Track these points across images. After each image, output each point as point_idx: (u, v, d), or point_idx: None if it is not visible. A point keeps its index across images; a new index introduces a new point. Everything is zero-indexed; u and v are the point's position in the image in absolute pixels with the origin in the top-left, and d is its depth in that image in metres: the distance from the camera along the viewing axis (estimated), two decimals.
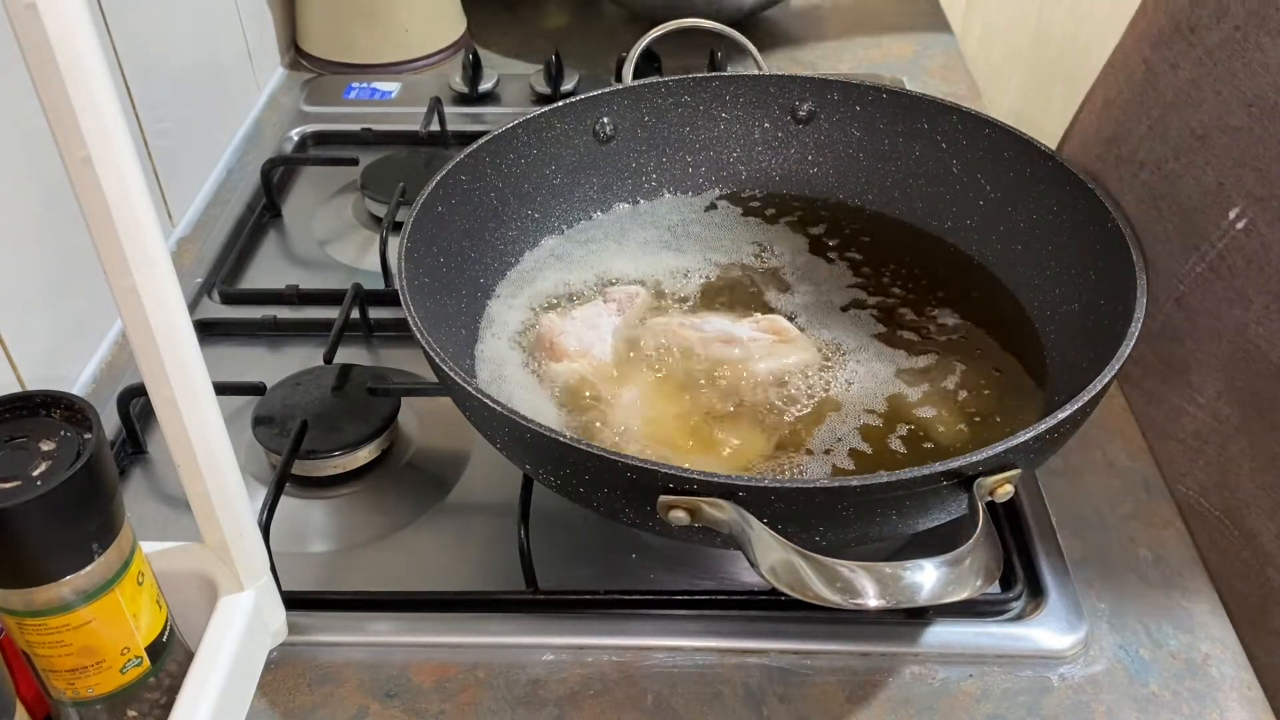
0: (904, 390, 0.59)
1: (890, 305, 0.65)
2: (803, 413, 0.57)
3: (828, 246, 0.70)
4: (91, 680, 0.44)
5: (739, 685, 0.53)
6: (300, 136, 0.96)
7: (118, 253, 0.38)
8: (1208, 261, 0.59)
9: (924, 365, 0.61)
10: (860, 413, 0.57)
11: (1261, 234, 0.57)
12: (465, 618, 0.56)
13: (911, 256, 0.68)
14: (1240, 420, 0.60)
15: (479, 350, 0.62)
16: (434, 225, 0.61)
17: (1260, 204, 0.57)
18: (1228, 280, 0.59)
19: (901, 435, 0.56)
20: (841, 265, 0.68)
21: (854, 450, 0.55)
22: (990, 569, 0.43)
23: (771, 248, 0.70)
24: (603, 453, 0.45)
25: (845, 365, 0.60)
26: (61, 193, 0.42)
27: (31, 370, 0.62)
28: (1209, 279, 0.60)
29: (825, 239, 0.70)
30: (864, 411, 0.58)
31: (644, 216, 0.72)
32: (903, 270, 0.67)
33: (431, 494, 0.63)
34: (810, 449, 0.55)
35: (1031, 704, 0.52)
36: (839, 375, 0.60)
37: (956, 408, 0.58)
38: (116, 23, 0.74)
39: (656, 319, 0.64)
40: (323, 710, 0.52)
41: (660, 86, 0.72)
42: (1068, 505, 0.62)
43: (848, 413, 0.58)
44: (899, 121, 0.70)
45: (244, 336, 0.74)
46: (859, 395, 0.59)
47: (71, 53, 0.34)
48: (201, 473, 0.45)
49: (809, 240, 0.70)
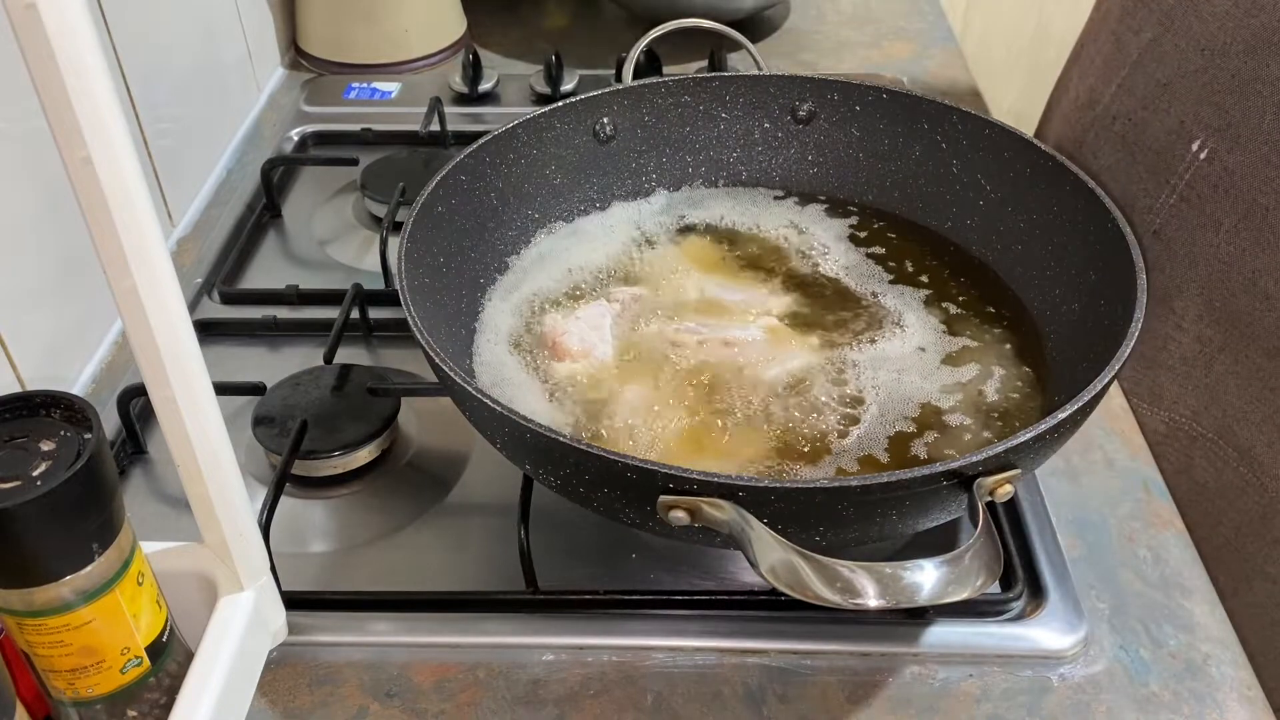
0: (904, 390, 0.59)
1: (890, 305, 0.65)
2: (802, 412, 0.57)
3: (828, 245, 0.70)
4: (91, 680, 0.44)
5: (739, 685, 0.53)
6: (300, 136, 0.96)
7: (118, 253, 0.38)
8: (1178, 193, 0.64)
9: (924, 365, 0.61)
10: (860, 412, 0.57)
11: (1223, 159, 0.63)
12: (465, 618, 0.56)
13: (912, 255, 0.68)
14: (1223, 339, 0.64)
15: (479, 350, 0.62)
16: (434, 225, 0.61)
17: (1218, 134, 0.63)
18: (1197, 207, 0.65)
19: (902, 435, 0.56)
20: (842, 264, 0.68)
21: (854, 450, 0.55)
22: (990, 569, 0.43)
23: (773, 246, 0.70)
24: (603, 453, 0.45)
25: (845, 364, 0.60)
26: (61, 193, 0.42)
27: (31, 370, 0.62)
28: (1180, 208, 0.65)
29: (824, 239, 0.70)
30: (864, 411, 0.58)
31: (644, 216, 0.72)
32: (902, 270, 0.67)
33: (431, 494, 0.63)
34: (810, 449, 0.55)
35: (1031, 704, 0.52)
36: (839, 375, 0.60)
37: (956, 407, 0.58)
38: (116, 23, 0.74)
39: (658, 320, 0.64)
40: (323, 710, 0.52)
41: (660, 86, 0.72)
42: (1068, 505, 0.62)
43: (848, 412, 0.57)
44: (899, 121, 0.70)
45: (244, 336, 0.74)
46: (860, 394, 0.58)
47: (71, 53, 0.34)
48: (201, 473, 0.45)
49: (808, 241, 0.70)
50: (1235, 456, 0.64)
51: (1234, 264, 0.63)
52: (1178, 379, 0.66)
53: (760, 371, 0.60)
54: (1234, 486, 0.63)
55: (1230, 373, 0.64)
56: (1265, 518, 0.62)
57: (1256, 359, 0.62)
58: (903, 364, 0.61)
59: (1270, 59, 0.61)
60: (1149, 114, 0.67)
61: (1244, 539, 0.58)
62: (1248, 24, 0.61)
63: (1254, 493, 0.63)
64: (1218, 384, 0.65)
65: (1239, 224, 0.63)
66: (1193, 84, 0.65)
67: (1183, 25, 0.65)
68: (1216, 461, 0.64)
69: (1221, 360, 0.64)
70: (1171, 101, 0.66)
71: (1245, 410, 0.63)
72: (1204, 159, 0.63)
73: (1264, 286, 0.62)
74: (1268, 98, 0.62)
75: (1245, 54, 0.62)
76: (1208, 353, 0.65)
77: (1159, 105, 0.67)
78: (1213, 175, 0.63)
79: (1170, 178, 0.66)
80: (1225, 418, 0.64)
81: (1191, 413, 0.66)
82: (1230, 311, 0.64)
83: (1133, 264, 0.54)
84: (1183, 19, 0.65)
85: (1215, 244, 0.64)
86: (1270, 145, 0.61)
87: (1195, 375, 0.65)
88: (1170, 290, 0.67)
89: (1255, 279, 0.62)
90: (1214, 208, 0.64)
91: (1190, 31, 0.64)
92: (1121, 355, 0.49)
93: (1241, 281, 0.63)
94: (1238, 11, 0.61)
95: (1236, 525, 0.60)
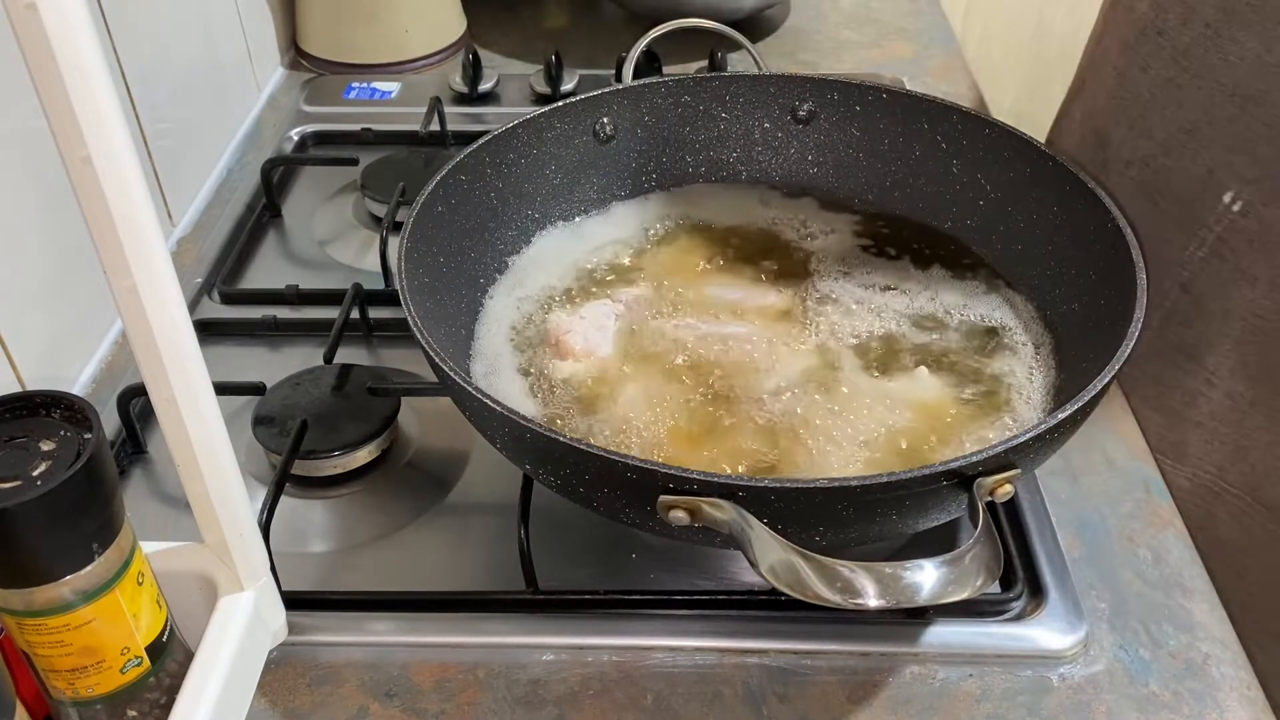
0: (904, 390, 0.59)
1: (890, 305, 0.65)
2: (802, 412, 0.57)
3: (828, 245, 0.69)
4: (91, 680, 0.44)
5: (739, 685, 0.53)
6: (300, 136, 0.96)
7: (118, 253, 0.38)
8: (1209, 246, 0.61)
9: (923, 365, 0.61)
10: (860, 413, 0.57)
11: (1259, 213, 0.59)
12: (465, 618, 0.56)
13: (913, 255, 0.68)
14: (1254, 395, 0.61)
15: (479, 349, 0.62)
16: (434, 225, 0.61)
17: (1254, 185, 0.59)
18: (1231, 261, 0.61)
19: (902, 435, 0.56)
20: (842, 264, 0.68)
21: (854, 450, 0.55)
22: (990, 569, 0.43)
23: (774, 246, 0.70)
24: (603, 453, 0.45)
25: (845, 365, 0.60)
26: (61, 193, 0.42)
27: (31, 370, 0.62)
28: (1212, 262, 0.62)
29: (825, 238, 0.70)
30: (864, 412, 0.57)
31: (644, 216, 0.72)
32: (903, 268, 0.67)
33: (431, 494, 0.63)
34: (810, 449, 0.55)
35: (1031, 704, 0.52)
36: (839, 376, 0.60)
37: (956, 407, 0.58)
38: (116, 23, 0.74)
39: (659, 319, 0.64)
40: (323, 710, 0.52)
41: (660, 86, 0.72)
42: (1068, 505, 0.62)
43: (848, 412, 0.57)
44: (899, 121, 0.70)
45: (244, 336, 0.74)
46: (859, 394, 0.58)
47: (71, 53, 0.34)
48: (201, 473, 0.45)
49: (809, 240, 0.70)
50: (1263, 514, 0.62)
51: (1270, 319, 0.60)
52: (1205, 435, 0.64)
53: (761, 370, 0.60)
54: (1260, 543, 0.61)
55: (1262, 429, 0.61)
56: None
57: None
58: (903, 364, 0.60)
59: None
60: (1172, 160, 0.64)
61: (1272, 596, 0.57)
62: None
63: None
64: (1247, 440, 0.62)
65: (1277, 278, 0.60)
66: (1222, 132, 0.61)
67: (1204, 68, 0.61)
68: (1243, 519, 0.62)
69: (1253, 417, 0.62)
70: (1198, 149, 0.62)
71: (1275, 467, 0.61)
72: (1237, 211, 0.60)
73: None
74: None
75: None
76: (1239, 408, 0.62)
77: (1183, 152, 0.63)
78: (1248, 229, 0.60)
79: (1199, 229, 0.62)
80: (1254, 474, 0.62)
81: (1218, 469, 0.63)
82: (1265, 367, 0.61)
83: (1133, 264, 0.54)
84: (1203, 60, 0.61)
85: (1251, 299, 0.61)
86: None
87: (1224, 431, 0.63)
88: (1200, 346, 0.64)
89: None
90: (1249, 263, 0.61)
91: (1215, 75, 0.60)
92: (1121, 355, 0.49)
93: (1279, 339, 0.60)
94: (1270, 58, 0.58)
95: (1263, 582, 0.58)
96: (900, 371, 0.60)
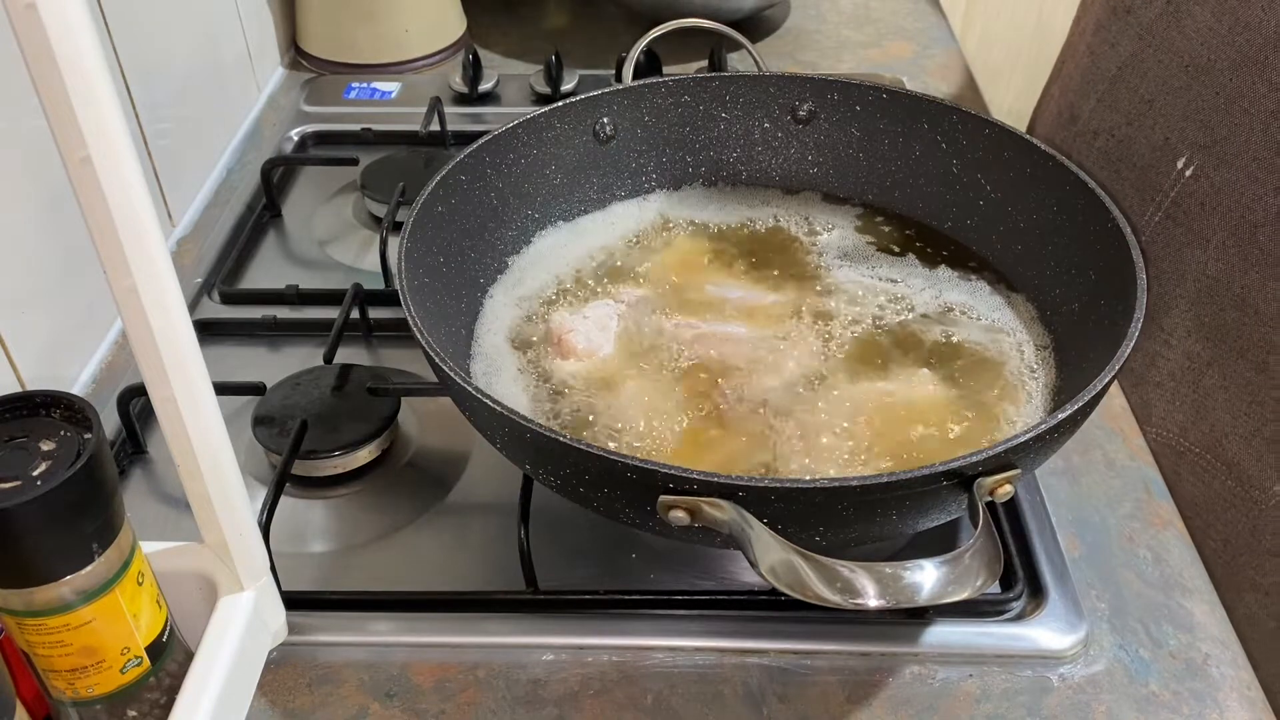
0: (905, 390, 0.59)
1: (890, 305, 0.65)
2: (803, 412, 0.57)
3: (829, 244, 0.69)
4: (91, 680, 0.44)
5: (739, 685, 0.53)
6: (300, 136, 0.96)
7: (118, 253, 0.38)
8: (1164, 210, 0.64)
9: (924, 365, 0.61)
10: (861, 412, 0.57)
11: (1210, 177, 0.63)
12: (465, 618, 0.56)
13: (913, 254, 0.68)
14: (1211, 354, 0.64)
15: (479, 349, 0.62)
16: (434, 225, 0.61)
17: (1205, 150, 0.63)
18: (1184, 224, 0.65)
19: (902, 435, 0.56)
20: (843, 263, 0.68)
21: (854, 450, 0.55)
22: (990, 569, 0.43)
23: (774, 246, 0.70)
24: (603, 453, 0.45)
25: (845, 365, 0.60)
26: (61, 193, 0.42)
27: (31, 370, 0.62)
28: (1167, 225, 0.65)
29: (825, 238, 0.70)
30: (864, 411, 0.57)
31: (644, 216, 0.72)
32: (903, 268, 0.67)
33: (431, 494, 0.63)
34: (810, 449, 0.55)
35: (1031, 704, 0.52)
36: (839, 375, 0.60)
37: (957, 407, 0.58)
38: (116, 23, 0.74)
39: (660, 319, 0.64)
40: (323, 710, 0.52)
41: (660, 86, 0.72)
42: (1068, 505, 0.62)
43: (849, 412, 0.57)
44: (899, 121, 0.70)
45: (244, 336, 0.74)
46: (860, 394, 0.59)
47: (71, 53, 0.34)
48: (201, 473, 0.45)
49: (809, 239, 0.70)
50: (1223, 470, 0.64)
51: (1222, 280, 0.63)
52: (1166, 395, 0.67)
53: (761, 370, 0.60)
54: (1222, 500, 0.64)
55: (1218, 387, 0.64)
56: (1254, 530, 0.62)
57: (1245, 373, 0.62)
58: (904, 363, 0.60)
59: (1256, 77, 0.61)
60: (1133, 130, 0.68)
61: (1233, 552, 0.59)
62: (1232, 41, 0.61)
63: (1242, 506, 0.64)
64: (1206, 399, 0.65)
65: (1227, 240, 0.63)
66: (1177, 101, 0.65)
67: (1164, 41, 0.65)
68: (1205, 476, 0.65)
69: (1210, 375, 0.64)
70: (1156, 118, 0.66)
71: (1233, 424, 0.63)
72: (1190, 176, 0.63)
73: (1253, 302, 0.62)
74: (1254, 115, 0.62)
75: (1230, 71, 0.62)
76: (1196, 368, 0.65)
77: (1143, 122, 0.67)
78: (1199, 192, 0.64)
79: (1156, 195, 0.66)
80: (1213, 432, 0.65)
81: (1179, 428, 0.66)
82: (1218, 327, 0.64)
83: (1133, 263, 0.54)
84: (1164, 35, 0.65)
85: (1203, 261, 0.64)
86: (1257, 162, 0.61)
87: (1183, 391, 0.66)
88: (1157, 307, 0.67)
89: (1244, 295, 0.63)
90: (1201, 224, 0.64)
91: (1173, 48, 0.64)
92: (1122, 355, 0.49)
93: (1230, 297, 0.63)
94: (1221, 29, 0.61)
95: (1225, 538, 0.61)
96: (900, 371, 0.60)
